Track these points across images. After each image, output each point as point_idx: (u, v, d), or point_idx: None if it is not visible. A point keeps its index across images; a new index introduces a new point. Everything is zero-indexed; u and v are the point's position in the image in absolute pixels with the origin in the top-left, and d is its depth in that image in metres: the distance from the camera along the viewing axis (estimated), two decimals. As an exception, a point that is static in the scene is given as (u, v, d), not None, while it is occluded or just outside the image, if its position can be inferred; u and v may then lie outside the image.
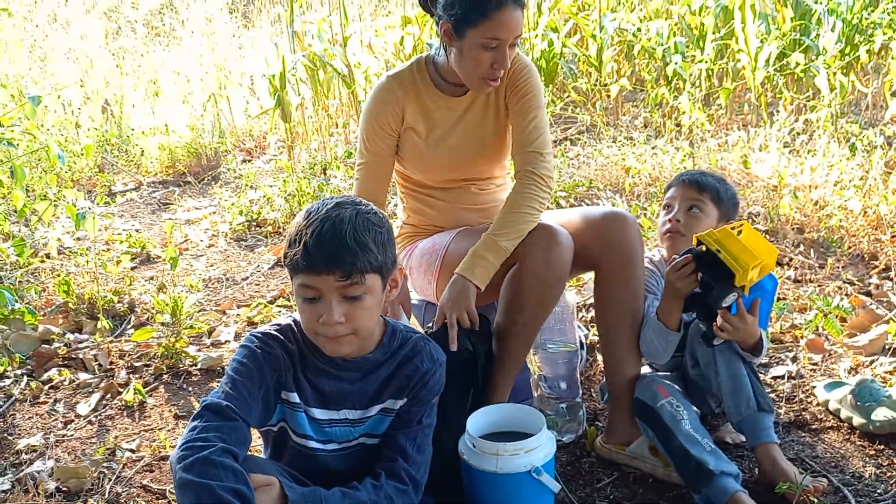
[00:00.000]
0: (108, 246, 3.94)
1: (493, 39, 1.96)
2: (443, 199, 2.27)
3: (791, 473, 1.79)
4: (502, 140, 2.22)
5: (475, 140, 2.19)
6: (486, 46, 1.97)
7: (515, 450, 1.65)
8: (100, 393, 2.53)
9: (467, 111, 2.18)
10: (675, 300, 1.92)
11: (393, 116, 2.16)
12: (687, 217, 2.12)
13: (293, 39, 5.66)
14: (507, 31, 1.96)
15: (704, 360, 1.96)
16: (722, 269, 1.79)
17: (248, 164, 5.45)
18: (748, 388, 1.88)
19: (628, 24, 5.77)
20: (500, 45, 1.97)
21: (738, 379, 1.89)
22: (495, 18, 1.94)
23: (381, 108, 2.17)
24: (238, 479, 1.30)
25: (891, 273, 2.97)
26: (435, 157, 2.19)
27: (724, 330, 1.85)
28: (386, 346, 1.61)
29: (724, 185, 2.19)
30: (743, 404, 1.87)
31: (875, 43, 4.61)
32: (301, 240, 1.43)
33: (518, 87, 2.12)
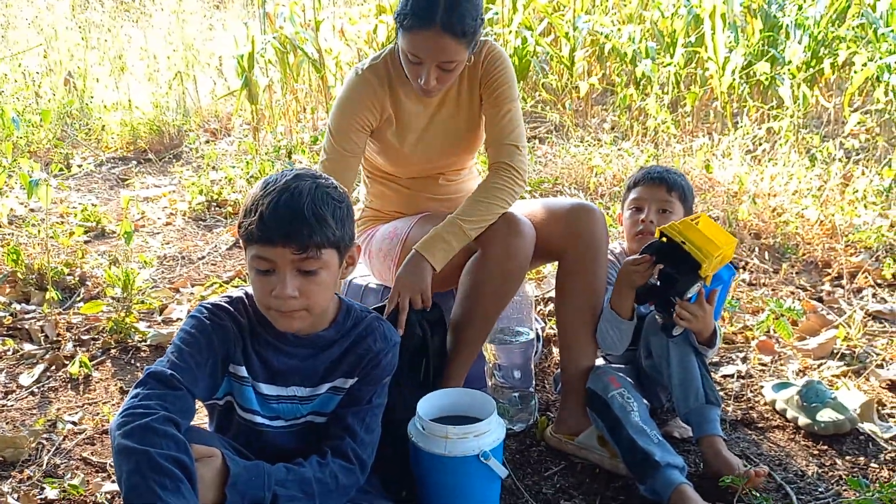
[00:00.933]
0: (63, 219, 3.86)
1: (414, 55, 1.91)
2: (409, 188, 2.25)
3: (734, 464, 1.81)
4: (476, 133, 2.19)
5: (449, 133, 2.16)
6: (409, 58, 1.92)
7: (464, 433, 1.64)
8: (44, 364, 2.47)
9: (442, 105, 2.14)
10: (626, 289, 1.94)
11: (372, 112, 2.07)
12: (659, 218, 2.14)
13: (264, 21, 5.60)
14: (424, 53, 1.88)
15: (657, 351, 1.98)
16: (687, 260, 1.81)
17: (212, 144, 5.37)
18: (698, 381, 1.90)
19: (602, 26, 5.81)
20: (423, 63, 1.90)
21: (689, 371, 1.91)
22: (415, 36, 1.88)
23: (360, 103, 2.06)
24: (179, 447, 1.27)
25: (843, 281, 3.03)
26: (409, 151, 2.15)
27: (683, 318, 1.86)
28: (339, 325, 1.58)
29: (686, 181, 2.21)
30: (692, 396, 1.89)
31: (839, 57, 4.70)
32: (257, 210, 1.39)
33: (492, 78, 2.09)
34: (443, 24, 1.83)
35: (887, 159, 3.94)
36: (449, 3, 1.83)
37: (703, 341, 1.94)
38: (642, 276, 1.90)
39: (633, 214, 2.20)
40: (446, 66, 1.91)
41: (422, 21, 1.84)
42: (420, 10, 1.84)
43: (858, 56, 4.32)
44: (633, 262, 1.91)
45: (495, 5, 6.06)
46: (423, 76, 1.92)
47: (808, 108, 4.61)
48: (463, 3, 1.85)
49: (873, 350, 2.52)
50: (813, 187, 3.68)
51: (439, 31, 1.84)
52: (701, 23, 5.14)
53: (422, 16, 1.84)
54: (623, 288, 1.95)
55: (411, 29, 1.87)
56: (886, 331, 2.67)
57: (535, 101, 5.46)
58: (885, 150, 4.17)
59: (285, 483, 1.41)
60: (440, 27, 1.84)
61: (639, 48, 5.35)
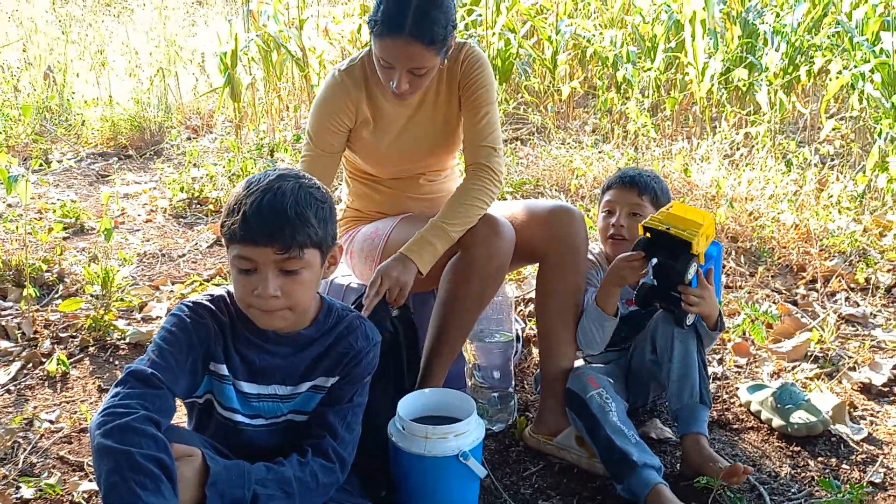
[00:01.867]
0: (42, 215, 3.83)
1: (385, 61, 1.92)
2: (390, 188, 2.26)
3: (718, 460, 1.85)
4: (454, 134, 2.21)
5: (428, 135, 2.18)
6: (381, 63, 1.94)
7: (444, 433, 1.66)
8: (21, 362, 2.45)
9: (419, 106, 2.15)
10: (614, 286, 1.97)
11: (347, 114, 2.10)
12: (629, 221, 2.16)
13: (248, 19, 5.58)
14: (394, 59, 1.91)
15: (662, 344, 2.00)
16: (676, 243, 1.85)
17: (194, 141, 5.35)
18: (696, 379, 1.94)
19: (584, 30, 5.85)
20: (394, 69, 1.92)
21: (689, 368, 1.94)
22: (385, 43, 1.89)
23: (335, 105, 2.09)
24: (159, 447, 1.27)
25: (817, 285, 3.08)
26: (387, 152, 2.16)
27: (692, 304, 1.90)
28: (321, 323, 1.59)
29: (659, 182, 2.24)
30: (687, 393, 1.93)
31: (815, 64, 4.77)
32: (240, 209, 1.40)
33: (470, 81, 2.11)
34: (412, 32, 1.85)
35: (861, 165, 4.00)
36: (418, 11, 1.85)
37: (711, 325, 1.98)
38: (635, 272, 1.93)
39: (605, 218, 2.22)
40: (417, 71, 1.93)
41: (391, 28, 1.86)
42: (389, 17, 1.86)
43: (834, 64, 4.38)
44: (626, 259, 1.93)
45: (479, 8, 6.08)
46: (395, 81, 1.94)
47: (785, 115, 4.67)
48: (432, 12, 1.87)
49: (846, 353, 2.56)
50: (789, 192, 3.73)
51: (409, 38, 1.86)
52: (681, 28, 5.20)
53: (391, 23, 1.86)
54: (611, 286, 1.98)
55: (381, 35, 1.89)
56: (859, 334, 2.72)
57: (517, 102, 5.49)
58: (860, 156, 4.24)
59: (265, 482, 1.42)
60: (409, 35, 1.85)
61: (620, 52, 5.40)
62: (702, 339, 2.01)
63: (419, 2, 1.85)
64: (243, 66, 5.58)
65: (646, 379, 2.13)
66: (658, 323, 2.02)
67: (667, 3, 5.46)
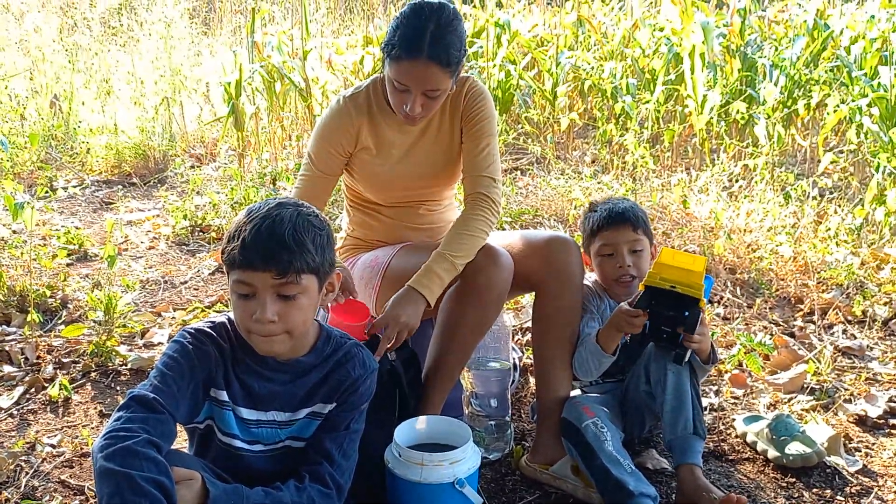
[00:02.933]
0: (46, 241, 3.86)
1: (400, 83, 1.97)
2: (390, 217, 2.29)
3: (712, 491, 1.86)
4: (455, 165, 2.25)
5: (428, 164, 2.22)
6: (396, 86, 1.99)
7: (440, 460, 1.67)
8: (24, 387, 2.47)
9: (422, 135, 2.20)
10: (616, 331, 2.00)
11: (347, 139, 2.16)
12: (634, 258, 2.19)
13: (252, 49, 5.67)
14: (411, 81, 1.96)
15: (655, 377, 2.02)
16: (683, 299, 1.88)
17: (197, 170, 5.40)
18: (689, 411, 1.96)
19: (584, 62, 5.94)
20: (409, 91, 1.98)
21: (683, 400, 1.96)
22: (403, 65, 1.95)
23: (336, 130, 2.16)
24: (160, 470, 1.29)
25: (814, 317, 3.09)
26: (388, 179, 2.21)
27: (693, 343, 1.93)
28: (319, 350, 1.62)
29: (639, 210, 2.26)
30: (680, 425, 1.94)
31: (812, 98, 4.84)
32: (240, 236, 1.44)
33: (472, 113, 2.16)
34: (429, 54, 1.91)
35: (859, 198, 4.04)
36: (436, 34, 1.91)
37: (704, 359, 2.01)
38: (635, 327, 1.95)
39: (605, 261, 2.22)
40: (431, 93, 1.99)
41: (410, 51, 1.92)
42: (408, 40, 1.92)
43: (831, 98, 4.44)
44: (630, 314, 1.94)
45: (480, 39, 6.18)
46: (409, 104, 1.99)
47: (784, 147, 4.72)
48: (448, 35, 1.94)
49: (842, 385, 2.58)
50: (787, 224, 3.76)
51: (427, 60, 1.92)
52: (681, 61, 5.27)
53: (410, 46, 1.92)
54: (613, 330, 2.00)
55: (399, 58, 1.94)
56: (855, 366, 2.73)
57: (517, 133, 5.55)
58: (858, 189, 4.28)
59: (263, 506, 1.44)
60: (427, 57, 1.92)
61: (619, 84, 5.47)
62: (695, 371, 2.03)
63: (436, 25, 1.92)
64: (247, 95, 5.65)
65: (641, 409, 2.14)
66: (652, 355, 2.04)
67: (666, 36, 5.54)
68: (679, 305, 1.90)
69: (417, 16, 1.93)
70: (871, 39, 4.99)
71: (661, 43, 5.69)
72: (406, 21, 1.95)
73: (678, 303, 1.90)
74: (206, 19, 8.76)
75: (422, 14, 1.93)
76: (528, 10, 7.85)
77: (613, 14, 7.28)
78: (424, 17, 1.92)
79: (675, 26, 5.44)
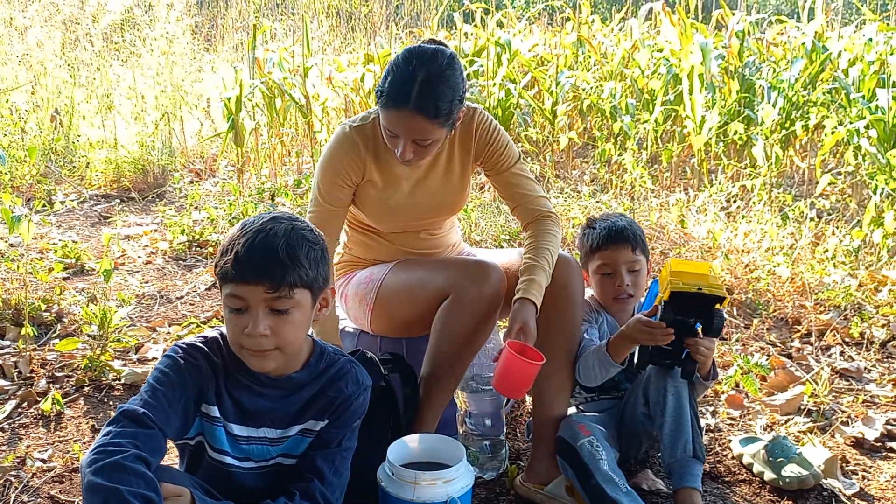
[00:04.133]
0: (43, 255, 3.86)
1: (389, 130, 1.96)
2: (390, 241, 2.28)
3: None
4: (462, 196, 2.25)
5: (435, 197, 2.21)
6: (386, 130, 1.97)
7: (433, 479, 1.66)
8: (16, 401, 2.45)
9: (430, 169, 2.18)
10: (629, 342, 1.99)
11: (354, 170, 2.11)
12: (632, 278, 2.20)
13: (253, 66, 5.69)
14: (399, 129, 1.94)
15: (654, 398, 2.01)
16: (708, 300, 1.88)
17: (196, 185, 5.40)
18: (688, 434, 1.95)
19: (584, 82, 5.96)
20: (399, 138, 1.96)
21: (682, 423, 1.95)
22: (389, 114, 1.93)
23: (343, 161, 2.10)
24: (148, 485, 1.28)
25: (812, 338, 3.09)
26: (392, 212, 2.19)
27: (704, 355, 1.93)
28: (312, 367, 1.60)
29: (636, 227, 2.25)
30: (679, 448, 1.93)
31: (810, 120, 4.86)
32: (233, 249, 1.43)
33: (490, 147, 2.16)
34: (416, 105, 1.88)
35: (856, 220, 4.04)
36: (424, 87, 1.87)
37: (704, 374, 2.01)
38: (656, 339, 1.92)
39: (604, 280, 2.22)
40: (421, 142, 1.96)
41: (396, 101, 1.89)
42: (395, 90, 1.90)
43: (829, 120, 4.46)
44: (652, 326, 1.92)
45: (480, 58, 6.21)
46: (402, 149, 1.97)
47: (782, 168, 4.73)
48: (438, 87, 1.89)
49: (839, 407, 2.57)
50: (785, 245, 3.76)
51: (413, 111, 1.89)
52: (679, 82, 5.30)
53: (396, 96, 1.89)
54: (626, 342, 1.99)
55: (387, 107, 1.92)
56: (852, 388, 2.72)
57: (516, 152, 5.56)
58: (856, 211, 4.28)
59: (253, 524, 1.42)
60: (413, 108, 1.88)
61: (618, 104, 5.49)
62: (693, 392, 2.02)
63: (425, 76, 1.88)
64: (247, 111, 5.67)
65: (638, 431, 2.12)
66: (651, 376, 2.03)
67: (665, 57, 5.57)
68: (703, 311, 1.90)
69: (408, 64, 1.90)
70: (868, 62, 5.02)
71: (660, 64, 5.72)
72: (397, 69, 1.91)
73: (702, 306, 1.89)
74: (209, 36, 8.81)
75: (411, 63, 1.89)
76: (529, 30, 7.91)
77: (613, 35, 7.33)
78: (413, 66, 1.89)
79: (675, 47, 5.47)
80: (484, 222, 4.18)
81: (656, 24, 6.63)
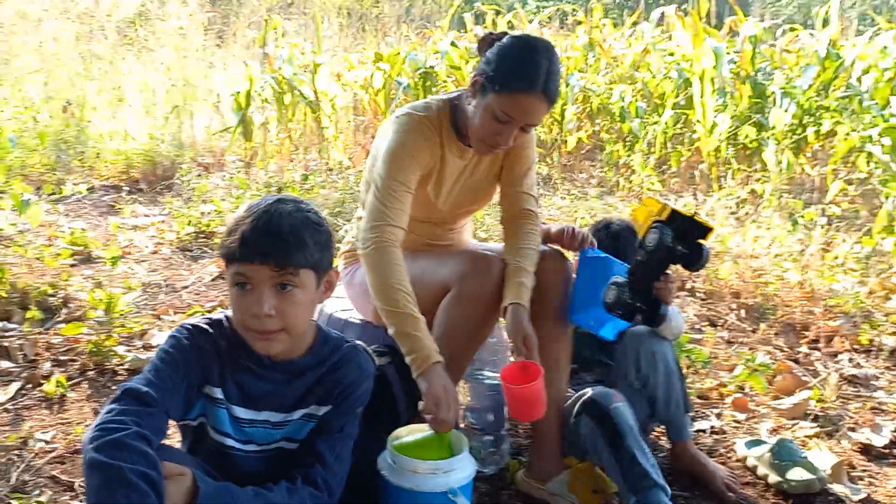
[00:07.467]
0: (51, 241, 3.86)
1: (506, 115, 1.94)
2: (413, 232, 2.19)
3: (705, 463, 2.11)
4: (493, 191, 2.27)
5: (473, 190, 2.22)
6: (498, 117, 1.95)
7: (434, 468, 1.65)
8: (20, 382, 2.45)
9: (474, 161, 2.18)
10: None
11: (431, 154, 2.08)
12: None
13: (264, 61, 5.70)
14: (523, 115, 1.94)
15: (646, 364, 2.11)
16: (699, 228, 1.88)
17: (204, 178, 5.41)
18: (677, 391, 2.13)
19: (594, 84, 5.95)
20: (511, 123, 1.95)
21: (671, 383, 2.12)
22: (517, 98, 1.92)
23: (420, 145, 2.06)
24: (149, 463, 1.27)
25: (819, 344, 3.06)
26: (435, 203, 2.18)
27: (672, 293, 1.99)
28: (316, 352, 1.60)
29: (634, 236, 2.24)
30: (672, 405, 2.13)
31: (822, 125, 4.84)
32: (239, 229, 1.43)
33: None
34: (544, 90, 1.91)
35: (867, 228, 4.02)
36: (549, 70, 1.91)
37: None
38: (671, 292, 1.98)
39: None
40: (528, 127, 1.99)
41: (529, 85, 1.90)
42: (527, 75, 1.90)
43: (841, 126, 4.44)
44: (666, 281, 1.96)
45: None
46: (506, 135, 1.96)
47: (792, 174, 4.71)
48: (556, 72, 1.95)
49: (847, 413, 2.55)
50: (794, 251, 3.74)
51: (540, 95, 1.91)
52: (690, 85, 5.28)
53: (530, 81, 1.90)
54: None
55: (515, 91, 1.91)
56: (860, 395, 2.70)
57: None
58: (867, 218, 4.26)
59: (253, 506, 1.41)
60: (541, 92, 1.91)
61: (628, 106, 5.48)
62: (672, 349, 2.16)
63: (549, 62, 1.92)
64: (257, 106, 5.68)
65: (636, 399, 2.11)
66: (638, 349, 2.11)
67: (677, 61, 5.56)
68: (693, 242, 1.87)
69: (534, 51, 1.93)
70: (883, 69, 4.99)
71: (671, 67, 5.71)
72: (522, 55, 1.93)
73: (692, 238, 1.87)
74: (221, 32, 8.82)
75: (538, 50, 1.93)
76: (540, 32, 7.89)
77: (624, 38, 7.32)
78: (540, 53, 1.92)
79: (686, 51, 5.45)
80: (490, 219, 4.16)
81: (668, 29, 6.61)
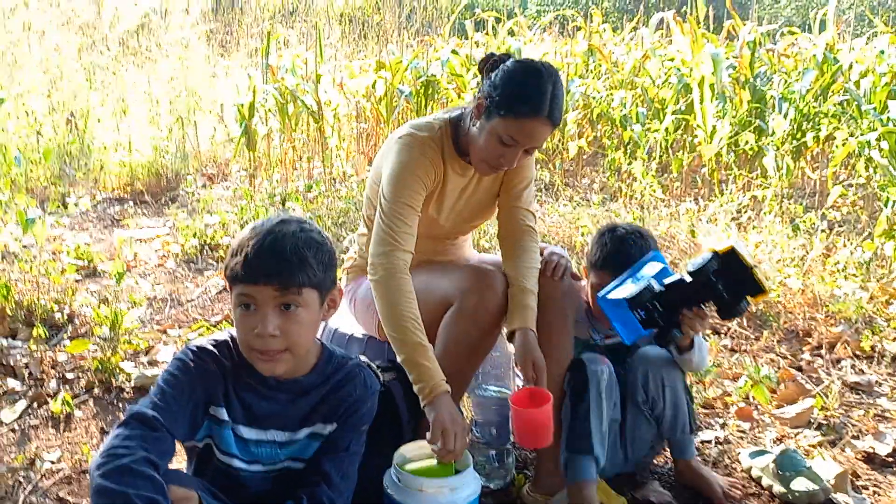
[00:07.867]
0: (56, 256, 3.88)
1: (511, 138, 1.97)
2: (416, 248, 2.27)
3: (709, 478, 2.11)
4: (493, 207, 2.28)
5: (474, 207, 2.24)
6: (503, 141, 1.97)
7: (439, 486, 1.66)
8: (26, 401, 2.47)
9: (475, 179, 2.20)
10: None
11: (434, 173, 2.09)
12: None
13: (267, 72, 5.73)
14: (528, 139, 1.97)
15: (654, 385, 2.10)
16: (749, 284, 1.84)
17: (208, 189, 5.44)
18: (684, 416, 2.12)
19: (594, 90, 5.97)
20: (516, 147, 1.97)
21: (679, 408, 2.11)
22: (522, 123, 1.94)
23: (424, 164, 2.06)
24: (156, 489, 1.28)
25: (822, 351, 3.07)
26: (437, 221, 2.19)
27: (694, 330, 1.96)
28: (320, 370, 1.61)
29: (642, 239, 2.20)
30: (679, 427, 2.12)
31: (821, 131, 4.84)
32: (243, 251, 1.45)
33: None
34: (549, 114, 1.94)
35: (868, 232, 4.02)
36: (554, 94, 1.94)
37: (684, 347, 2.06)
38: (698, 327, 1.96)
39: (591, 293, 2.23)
40: (531, 150, 2.02)
41: (535, 110, 1.92)
42: (533, 100, 1.93)
43: (840, 131, 4.45)
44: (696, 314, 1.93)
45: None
46: (510, 157, 1.99)
47: (793, 179, 4.72)
48: (560, 96, 1.97)
49: (850, 421, 2.55)
50: (795, 257, 3.75)
51: (545, 120, 1.94)
52: (690, 91, 5.29)
53: (535, 105, 1.92)
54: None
55: (522, 115, 1.93)
56: (863, 402, 2.70)
57: (527, 160, 5.57)
58: (867, 223, 4.26)
59: (260, 528, 1.43)
60: (546, 116, 1.94)
61: (629, 113, 5.49)
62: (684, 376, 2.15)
63: (554, 87, 1.94)
64: (260, 117, 5.71)
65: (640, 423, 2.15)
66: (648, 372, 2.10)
67: (676, 66, 5.57)
68: (735, 291, 1.86)
69: (539, 76, 1.94)
70: (880, 74, 5.00)
71: (671, 73, 5.72)
72: (527, 81, 1.94)
73: (736, 287, 1.86)
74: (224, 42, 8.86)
75: (542, 75, 1.94)
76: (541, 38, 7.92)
77: (624, 44, 7.33)
78: (544, 78, 1.94)
79: (686, 57, 5.47)
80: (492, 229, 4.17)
81: (668, 34, 6.63)
